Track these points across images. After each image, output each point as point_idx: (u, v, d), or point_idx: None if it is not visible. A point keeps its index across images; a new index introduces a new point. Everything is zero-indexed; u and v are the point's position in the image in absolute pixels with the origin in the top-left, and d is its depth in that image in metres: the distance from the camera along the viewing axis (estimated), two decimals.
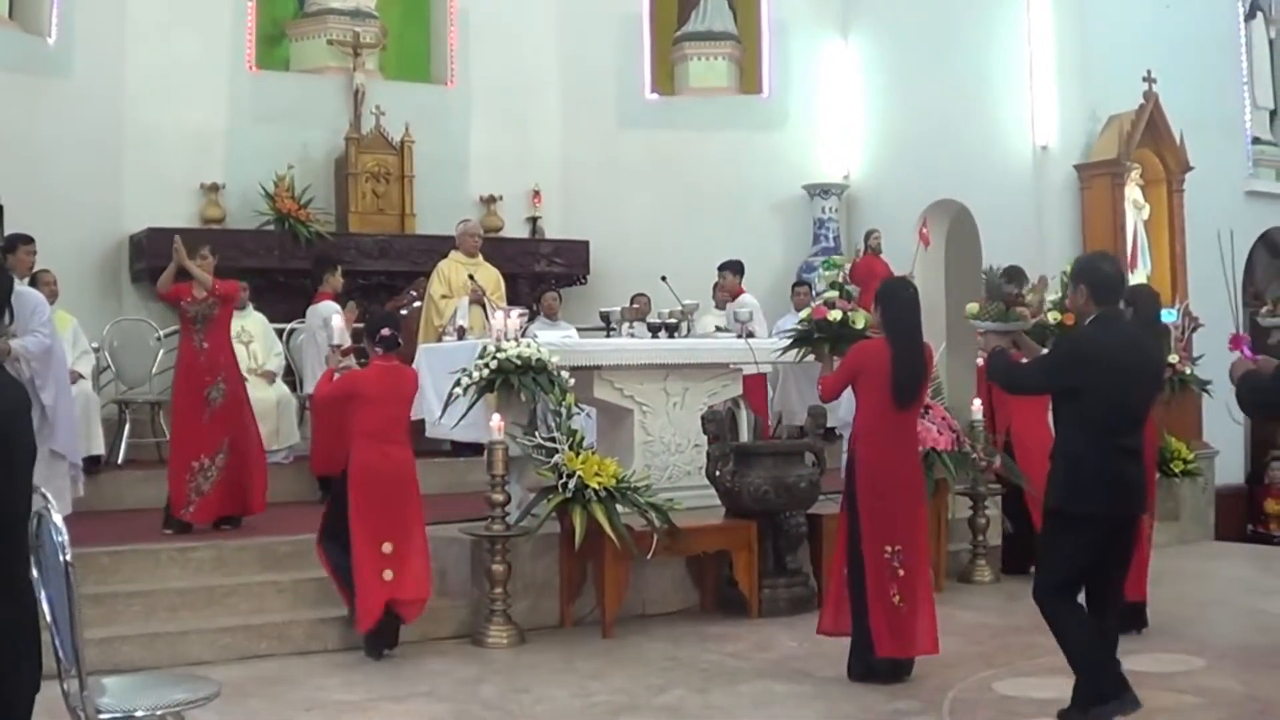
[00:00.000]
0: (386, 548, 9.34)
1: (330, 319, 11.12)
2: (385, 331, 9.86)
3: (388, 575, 9.35)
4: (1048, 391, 7.67)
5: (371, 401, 9.53)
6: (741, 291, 16.04)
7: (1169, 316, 14.63)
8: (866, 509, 8.50)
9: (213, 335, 11.37)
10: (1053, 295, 12.03)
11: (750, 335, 12.86)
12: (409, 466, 9.64)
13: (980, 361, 8.58)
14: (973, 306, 8.60)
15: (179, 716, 5.77)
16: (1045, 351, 8.13)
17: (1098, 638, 7.28)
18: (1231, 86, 18.33)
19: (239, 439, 11.36)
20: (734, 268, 16.17)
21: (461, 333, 12.56)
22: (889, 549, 8.45)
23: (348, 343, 12.50)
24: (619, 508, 10.07)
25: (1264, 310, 12.38)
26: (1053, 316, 11.77)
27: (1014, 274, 12.66)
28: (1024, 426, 11.78)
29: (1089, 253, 8.84)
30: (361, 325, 13.63)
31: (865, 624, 8.52)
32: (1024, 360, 8.12)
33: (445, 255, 14.48)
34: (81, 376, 12.18)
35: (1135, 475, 7.35)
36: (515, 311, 11.37)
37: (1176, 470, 14.42)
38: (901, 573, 8.47)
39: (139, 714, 5.56)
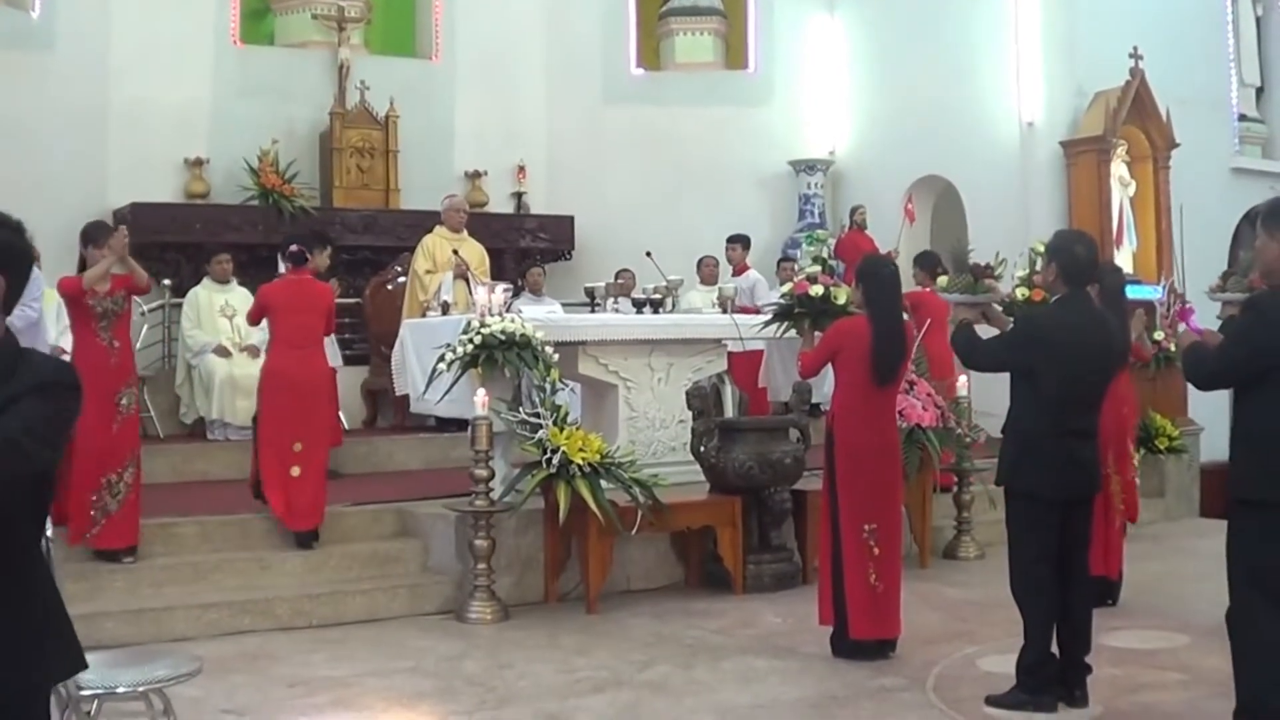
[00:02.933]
0: (297, 446, 10.32)
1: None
2: (293, 248, 11.14)
3: (295, 471, 10.32)
4: (1006, 369, 7.68)
5: (281, 310, 10.76)
6: (746, 267, 16.06)
7: (1149, 292, 14.67)
8: (845, 488, 8.51)
9: (120, 333, 10.02)
10: (1021, 271, 12.04)
11: (758, 311, 12.92)
12: (323, 373, 10.63)
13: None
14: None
15: (161, 693, 5.77)
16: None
17: (1062, 616, 7.39)
18: (1218, 63, 18.36)
19: (138, 452, 10.16)
20: (743, 241, 16.19)
21: (446, 308, 12.55)
22: (866, 528, 8.47)
23: None
24: (603, 483, 10.07)
25: (1213, 285, 12.44)
26: (1020, 293, 11.77)
27: (928, 259, 12.91)
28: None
29: (1066, 230, 8.85)
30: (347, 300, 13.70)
31: (843, 605, 8.53)
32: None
33: (430, 230, 14.44)
34: (64, 352, 12.08)
35: (1085, 456, 7.43)
36: (500, 287, 11.35)
37: (1162, 447, 14.48)
38: (878, 552, 8.49)
39: (120, 690, 5.56)
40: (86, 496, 9.60)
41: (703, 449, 10.91)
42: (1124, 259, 15.82)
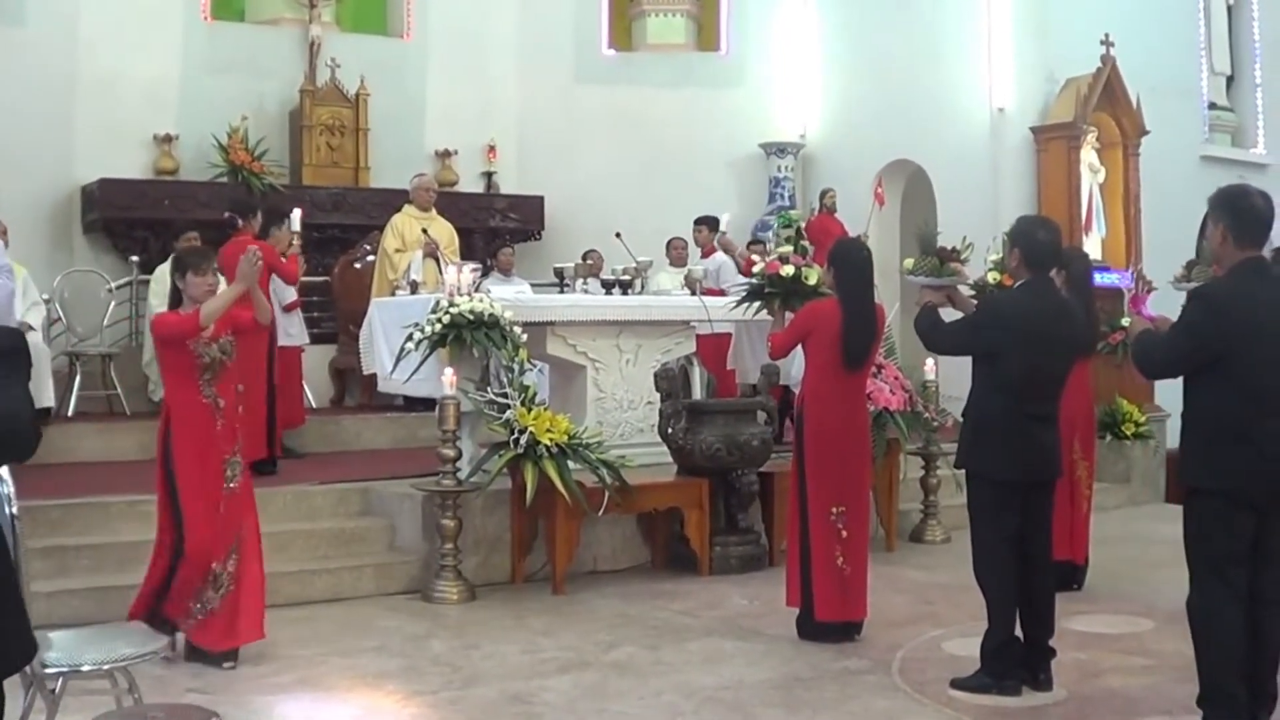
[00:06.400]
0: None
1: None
2: (225, 215, 12.00)
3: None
4: (967, 352, 7.69)
5: (225, 270, 10.79)
6: (714, 250, 16.04)
7: (1117, 279, 14.73)
8: (814, 470, 8.53)
9: (225, 388, 8.23)
10: (994, 255, 12.06)
11: (723, 294, 12.94)
12: (249, 320, 10.19)
13: None
14: (909, 261, 8.61)
15: (126, 671, 5.76)
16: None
17: (1026, 600, 7.44)
18: (1188, 52, 18.40)
19: (248, 535, 8.32)
20: (710, 223, 16.16)
21: (415, 287, 12.53)
22: (834, 510, 8.49)
23: (292, 296, 12.56)
24: (571, 464, 10.09)
25: (1177, 274, 12.52)
26: (992, 277, 11.80)
27: None
28: None
29: (1029, 216, 8.87)
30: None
31: (809, 587, 8.55)
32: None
33: (399, 209, 14.42)
34: (31, 328, 12.03)
35: (1045, 441, 7.47)
36: (469, 266, 11.34)
37: (1128, 433, 14.54)
38: (845, 534, 8.52)
39: (85, 668, 5.56)
40: (194, 587, 8.08)
41: (670, 430, 10.91)
42: (1092, 245, 15.86)
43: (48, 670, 5.40)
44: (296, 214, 12.70)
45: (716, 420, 10.88)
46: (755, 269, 10.89)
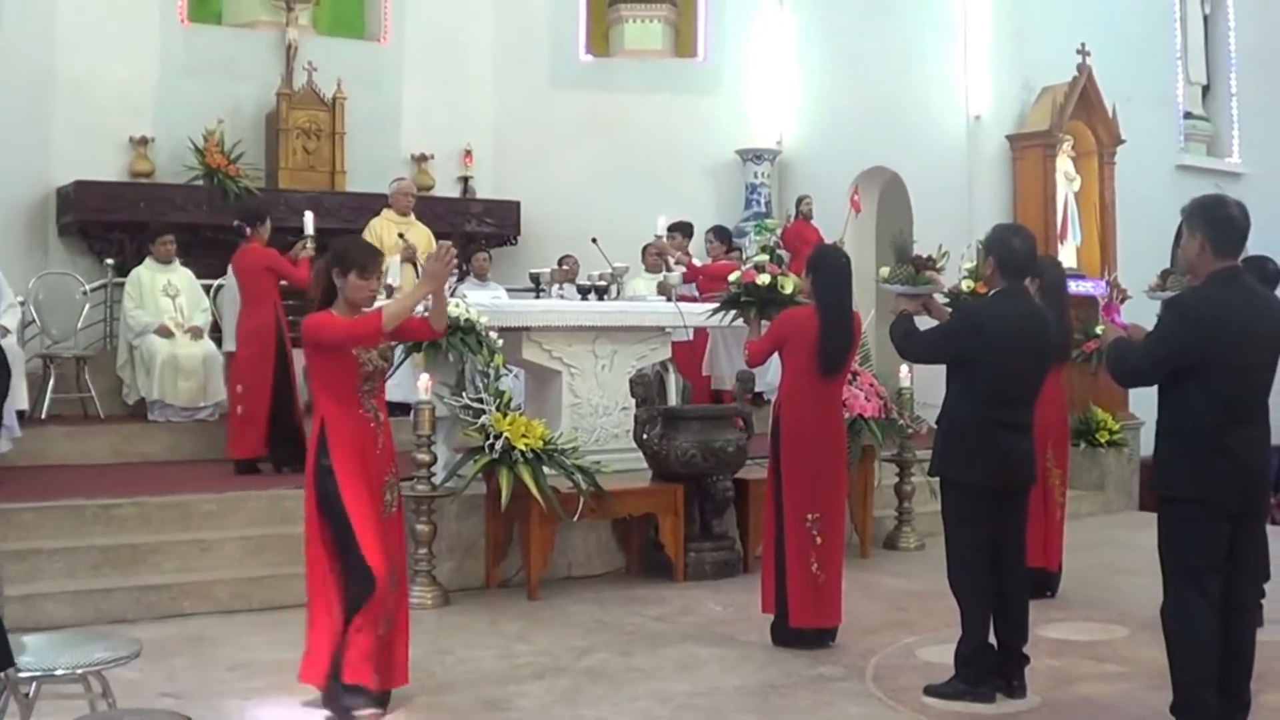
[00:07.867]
0: (239, 388, 12.01)
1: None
2: (234, 223, 12.77)
3: (239, 410, 12.12)
4: (941, 360, 7.72)
5: (235, 274, 12.63)
6: (688, 255, 16.03)
7: (1092, 287, 14.77)
8: (790, 476, 8.53)
9: (381, 399, 7.42)
10: (969, 263, 12.07)
11: (695, 299, 12.95)
12: (243, 327, 11.43)
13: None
14: (884, 269, 8.63)
15: (100, 675, 5.75)
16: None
17: (1000, 607, 7.46)
18: (1164, 61, 18.44)
19: (402, 567, 7.63)
20: (684, 230, 16.13)
21: (391, 291, 12.51)
22: (810, 517, 8.49)
23: None
24: (546, 469, 10.10)
25: (1152, 284, 12.57)
26: (967, 285, 11.81)
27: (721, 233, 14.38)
28: None
29: (1003, 225, 8.89)
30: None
31: (784, 593, 8.56)
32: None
33: (377, 213, 14.41)
34: (7, 330, 11.98)
35: (1019, 448, 7.50)
36: None
37: (1102, 441, 14.56)
38: (820, 541, 8.52)
39: (59, 672, 5.54)
40: (376, 628, 7.09)
41: (645, 436, 10.92)
42: (1067, 254, 15.89)
43: (21, 674, 5.38)
44: (309, 217, 12.71)
45: (692, 426, 10.88)
46: (732, 277, 10.85)
